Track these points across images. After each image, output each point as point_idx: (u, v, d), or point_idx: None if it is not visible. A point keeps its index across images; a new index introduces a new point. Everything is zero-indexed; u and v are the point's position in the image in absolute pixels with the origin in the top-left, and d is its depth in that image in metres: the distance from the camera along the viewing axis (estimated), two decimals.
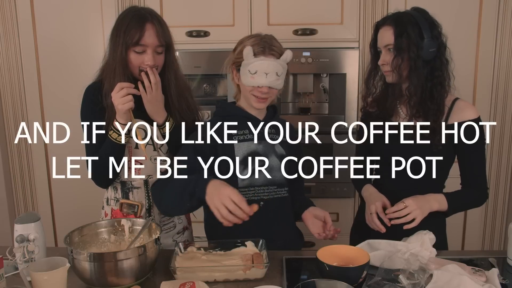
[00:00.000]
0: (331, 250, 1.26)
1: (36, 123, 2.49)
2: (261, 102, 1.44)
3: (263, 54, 1.40)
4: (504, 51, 2.32)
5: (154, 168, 1.55)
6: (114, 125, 1.42)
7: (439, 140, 1.44)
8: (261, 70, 1.39)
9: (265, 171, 1.47)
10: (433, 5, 2.24)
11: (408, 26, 1.42)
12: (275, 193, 1.50)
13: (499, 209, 2.49)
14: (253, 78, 1.40)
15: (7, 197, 2.55)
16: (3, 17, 2.40)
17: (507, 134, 2.40)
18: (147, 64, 1.42)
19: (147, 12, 1.45)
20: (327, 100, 2.50)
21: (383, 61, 1.49)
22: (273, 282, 1.20)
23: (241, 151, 1.46)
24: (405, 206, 1.38)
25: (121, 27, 1.42)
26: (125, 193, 1.56)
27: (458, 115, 1.47)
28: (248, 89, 1.43)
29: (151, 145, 1.53)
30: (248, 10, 2.32)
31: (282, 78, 1.43)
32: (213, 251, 1.35)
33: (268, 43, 1.41)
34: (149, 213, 1.56)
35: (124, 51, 1.42)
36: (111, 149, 1.44)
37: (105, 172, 1.49)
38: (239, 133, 1.47)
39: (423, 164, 1.48)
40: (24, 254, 1.25)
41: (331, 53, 2.33)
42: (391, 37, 1.44)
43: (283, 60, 1.42)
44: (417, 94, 1.44)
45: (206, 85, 2.52)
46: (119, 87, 1.38)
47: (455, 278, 1.14)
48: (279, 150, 1.51)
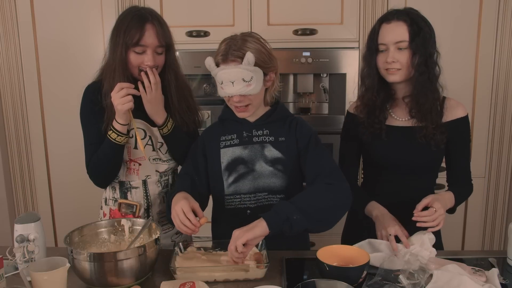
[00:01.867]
0: (331, 250, 1.26)
1: (36, 123, 2.50)
2: (241, 111, 1.38)
3: (224, 62, 1.32)
4: (504, 51, 2.32)
5: (153, 168, 1.55)
6: (113, 125, 1.42)
7: (442, 140, 1.44)
8: (226, 79, 1.31)
9: (250, 177, 1.41)
10: (434, 5, 2.26)
11: (422, 23, 1.38)
12: (265, 200, 1.42)
13: (499, 209, 2.49)
14: (222, 89, 1.34)
15: (7, 197, 2.55)
16: (3, 17, 2.40)
17: (507, 134, 2.40)
18: (147, 64, 1.41)
19: (147, 12, 1.44)
20: (327, 100, 2.50)
21: (393, 58, 1.39)
22: (273, 282, 1.20)
23: (226, 157, 1.43)
24: (435, 210, 1.33)
25: (121, 27, 1.42)
26: (124, 193, 1.55)
27: (450, 113, 1.48)
28: (226, 100, 1.40)
29: (151, 145, 1.53)
30: (248, 10, 2.32)
31: (255, 83, 1.31)
32: (213, 251, 1.35)
33: (228, 50, 1.31)
34: (147, 213, 1.56)
35: (124, 51, 1.41)
36: (110, 149, 1.44)
37: (104, 172, 1.49)
38: (227, 138, 1.44)
39: (420, 165, 1.49)
40: (24, 254, 1.25)
41: (331, 53, 2.33)
42: (404, 34, 1.37)
43: (246, 64, 1.29)
44: (423, 96, 1.42)
45: (206, 85, 2.52)
46: (119, 87, 1.38)
47: (455, 278, 1.14)
48: (270, 153, 1.42)
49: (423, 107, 1.43)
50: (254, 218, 1.32)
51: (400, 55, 1.40)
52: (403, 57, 1.40)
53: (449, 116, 1.47)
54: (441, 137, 1.44)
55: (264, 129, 1.43)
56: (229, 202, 1.44)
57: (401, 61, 1.40)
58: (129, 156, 1.52)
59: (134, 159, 1.53)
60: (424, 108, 1.43)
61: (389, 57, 1.40)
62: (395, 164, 1.52)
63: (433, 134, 1.43)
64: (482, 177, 2.43)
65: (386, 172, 1.54)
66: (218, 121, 1.51)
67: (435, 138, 1.44)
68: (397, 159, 1.51)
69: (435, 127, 1.43)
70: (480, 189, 2.44)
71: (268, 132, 1.43)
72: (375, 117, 1.50)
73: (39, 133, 2.51)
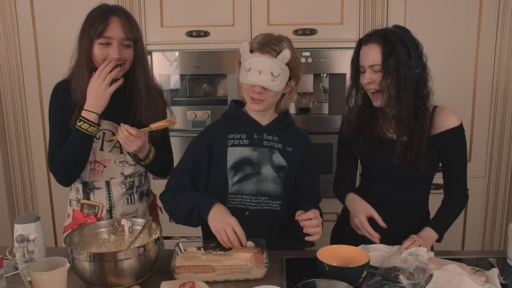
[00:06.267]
0: (331, 250, 1.26)
1: (36, 123, 2.49)
2: (255, 103, 1.38)
3: (259, 51, 1.34)
4: (504, 51, 2.32)
5: (119, 171, 1.53)
6: (85, 115, 1.39)
7: (423, 162, 1.42)
8: (255, 67, 1.32)
9: (255, 179, 1.42)
10: (434, 5, 2.26)
11: (397, 45, 1.35)
12: (265, 205, 1.43)
13: (499, 209, 2.49)
14: (247, 76, 1.34)
15: (7, 197, 2.55)
16: (3, 17, 2.40)
17: (507, 135, 2.40)
18: (113, 57, 1.40)
19: (114, 7, 1.45)
20: (327, 100, 2.50)
21: (369, 79, 1.40)
22: (273, 282, 1.20)
23: (233, 156, 1.42)
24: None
25: (87, 22, 1.42)
26: (86, 193, 1.54)
27: (441, 123, 1.45)
28: (245, 88, 1.39)
29: (118, 148, 1.52)
30: (248, 10, 2.32)
31: (280, 80, 1.34)
32: (213, 251, 1.35)
33: (267, 41, 1.35)
34: (110, 214, 1.55)
35: (88, 43, 1.41)
36: (81, 140, 1.40)
37: (72, 166, 1.45)
38: (235, 137, 1.44)
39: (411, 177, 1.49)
40: (24, 254, 1.25)
41: (331, 53, 2.33)
42: (377, 56, 1.36)
43: (280, 60, 1.33)
44: (405, 115, 1.40)
45: (206, 85, 2.52)
46: (98, 72, 1.38)
47: (455, 278, 1.14)
48: (277, 160, 1.43)
49: (405, 125, 1.41)
50: (251, 220, 1.37)
51: (376, 76, 1.40)
52: (378, 78, 1.39)
53: (439, 127, 1.45)
54: (420, 160, 1.42)
55: (274, 135, 1.45)
56: (230, 201, 1.44)
57: (376, 82, 1.40)
58: (94, 157, 1.49)
59: (99, 160, 1.51)
60: (405, 125, 1.41)
61: (364, 78, 1.42)
62: (387, 176, 1.52)
63: (416, 154, 1.41)
64: (482, 177, 2.43)
65: (380, 182, 1.55)
66: (224, 118, 1.50)
67: (418, 158, 1.42)
68: (388, 171, 1.51)
69: (419, 148, 1.41)
70: (480, 189, 2.44)
71: (278, 139, 1.45)
72: (366, 135, 1.51)
73: (39, 133, 2.50)
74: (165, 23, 2.33)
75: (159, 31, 2.31)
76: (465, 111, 2.33)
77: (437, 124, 1.45)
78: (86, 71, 1.42)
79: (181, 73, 2.40)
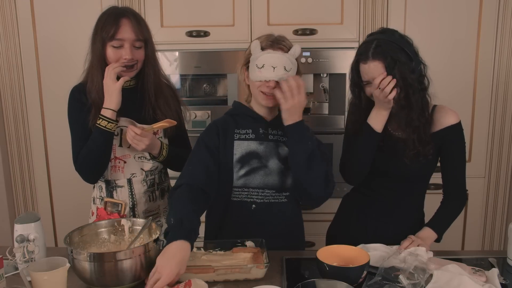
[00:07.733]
0: (331, 250, 1.26)
1: (36, 123, 2.49)
2: (269, 99, 1.41)
3: (271, 47, 1.38)
4: (504, 51, 2.31)
5: (138, 166, 1.56)
6: (103, 113, 1.44)
7: (428, 150, 1.43)
8: (268, 63, 1.36)
9: (261, 173, 1.43)
10: (434, 5, 2.26)
11: (396, 53, 1.35)
12: (272, 198, 1.45)
13: (499, 209, 2.49)
14: (260, 72, 1.37)
15: (7, 197, 2.55)
16: (3, 17, 2.40)
17: (507, 135, 2.40)
18: (125, 58, 1.44)
19: (124, 9, 1.49)
20: (327, 100, 2.50)
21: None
22: (273, 282, 1.20)
23: (240, 149, 1.44)
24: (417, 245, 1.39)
25: (98, 25, 1.46)
26: (110, 191, 1.57)
27: (440, 121, 1.46)
28: (257, 85, 1.40)
29: None
30: (248, 10, 2.32)
31: (292, 74, 1.38)
32: (213, 251, 1.35)
33: (276, 39, 1.40)
34: (133, 212, 1.57)
35: (101, 46, 1.45)
36: (101, 137, 1.45)
37: (96, 163, 1.49)
38: (242, 131, 1.46)
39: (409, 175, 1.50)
40: (24, 254, 1.25)
41: (331, 53, 2.33)
42: (381, 71, 1.36)
43: (291, 55, 1.38)
44: (415, 117, 1.40)
45: (206, 85, 2.52)
46: (106, 72, 1.43)
47: (455, 278, 1.14)
48: (283, 152, 1.45)
49: (407, 124, 1.42)
50: (258, 213, 1.38)
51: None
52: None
53: (439, 125, 1.46)
54: (426, 148, 1.43)
55: (279, 130, 1.47)
56: (236, 194, 1.44)
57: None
58: (114, 153, 1.53)
59: (119, 156, 1.55)
60: (408, 125, 1.42)
61: (371, 89, 1.41)
62: (386, 173, 1.53)
63: (421, 144, 1.42)
64: (482, 177, 2.43)
65: (379, 178, 1.55)
66: (228, 116, 1.51)
67: (422, 150, 1.43)
68: (387, 169, 1.52)
69: (419, 139, 1.42)
70: (480, 189, 2.44)
71: (282, 133, 1.47)
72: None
73: (39, 133, 2.50)
74: (165, 23, 2.33)
75: (159, 31, 2.31)
76: (465, 110, 2.33)
77: (436, 122, 1.47)
78: (100, 72, 1.47)
79: (181, 73, 2.40)
